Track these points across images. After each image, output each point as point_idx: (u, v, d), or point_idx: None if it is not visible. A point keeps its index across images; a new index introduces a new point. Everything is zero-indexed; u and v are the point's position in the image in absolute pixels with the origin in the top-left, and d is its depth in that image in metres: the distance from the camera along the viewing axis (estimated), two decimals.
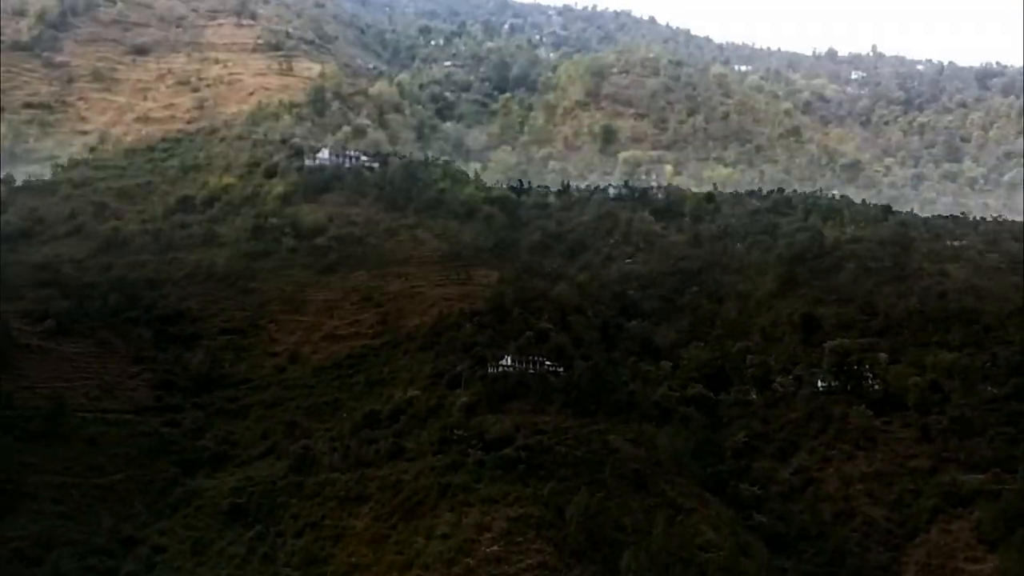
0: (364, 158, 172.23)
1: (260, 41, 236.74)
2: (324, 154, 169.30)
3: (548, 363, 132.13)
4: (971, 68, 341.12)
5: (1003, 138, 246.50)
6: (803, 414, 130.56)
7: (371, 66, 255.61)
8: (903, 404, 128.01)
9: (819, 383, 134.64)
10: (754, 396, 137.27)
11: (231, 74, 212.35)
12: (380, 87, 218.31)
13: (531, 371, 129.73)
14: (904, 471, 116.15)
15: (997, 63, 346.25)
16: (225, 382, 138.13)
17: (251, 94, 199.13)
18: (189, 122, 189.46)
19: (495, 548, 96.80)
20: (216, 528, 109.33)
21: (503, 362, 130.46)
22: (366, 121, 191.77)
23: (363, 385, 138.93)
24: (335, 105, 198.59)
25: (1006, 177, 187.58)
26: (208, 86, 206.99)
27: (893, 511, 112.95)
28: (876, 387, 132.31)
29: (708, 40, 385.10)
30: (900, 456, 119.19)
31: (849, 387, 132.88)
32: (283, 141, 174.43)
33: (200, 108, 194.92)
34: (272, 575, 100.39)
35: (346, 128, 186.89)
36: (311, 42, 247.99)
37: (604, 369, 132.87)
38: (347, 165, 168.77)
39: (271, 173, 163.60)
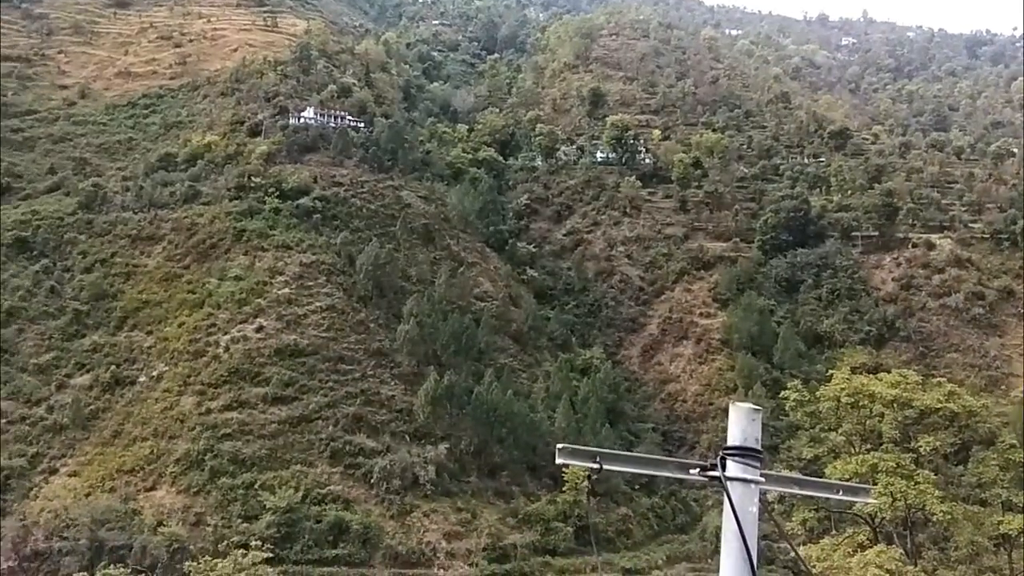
0: (349, 118, 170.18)
1: None
2: (309, 113, 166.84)
3: (350, 118, 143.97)
4: (961, 36, 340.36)
5: (991, 107, 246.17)
6: (581, 182, 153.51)
7: (358, 24, 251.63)
8: (668, 178, 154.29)
9: (599, 154, 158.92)
10: (539, 163, 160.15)
11: (214, 29, 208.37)
12: (366, 45, 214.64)
13: (332, 125, 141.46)
14: (660, 237, 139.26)
15: (987, 31, 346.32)
16: (9, 112, 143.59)
17: (235, 50, 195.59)
18: (171, 78, 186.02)
19: (286, 291, 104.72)
20: None
21: (305, 114, 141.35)
22: (352, 80, 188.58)
23: (159, 127, 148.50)
24: (320, 63, 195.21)
25: (992, 147, 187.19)
26: (191, 41, 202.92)
27: (646, 271, 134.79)
28: (647, 161, 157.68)
29: (699, 2, 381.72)
30: (659, 223, 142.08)
31: (624, 159, 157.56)
32: (267, 99, 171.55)
33: (183, 64, 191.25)
34: (59, 308, 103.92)
35: (332, 87, 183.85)
36: None
37: (403, 128, 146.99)
38: (332, 125, 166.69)
39: (255, 132, 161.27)
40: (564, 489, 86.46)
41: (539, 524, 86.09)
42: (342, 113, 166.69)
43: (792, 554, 65.68)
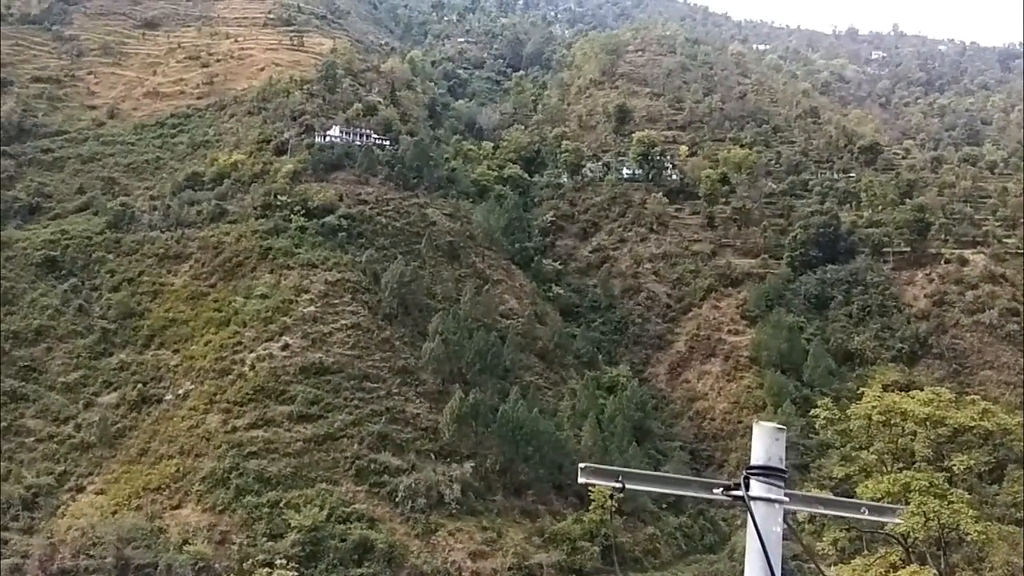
0: (375, 136, 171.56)
1: (271, 16, 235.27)
2: (335, 131, 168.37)
3: (375, 136, 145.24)
4: (994, 49, 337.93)
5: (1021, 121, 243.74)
6: (607, 198, 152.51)
7: (383, 42, 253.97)
8: (695, 194, 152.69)
9: (624, 171, 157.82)
10: (565, 179, 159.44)
11: (241, 49, 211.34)
12: (392, 64, 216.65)
13: (358, 143, 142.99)
14: (688, 253, 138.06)
15: (1020, 44, 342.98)
16: (39, 132, 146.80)
17: (261, 69, 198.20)
18: (199, 97, 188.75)
19: (312, 309, 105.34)
20: (28, 279, 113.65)
21: (331, 132, 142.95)
22: (377, 98, 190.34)
23: (186, 146, 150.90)
24: (346, 82, 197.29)
25: None
26: (218, 61, 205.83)
27: (674, 288, 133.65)
28: (674, 177, 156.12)
29: (726, 17, 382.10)
30: (686, 240, 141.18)
31: (650, 175, 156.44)
32: (293, 118, 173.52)
33: (210, 83, 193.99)
34: (87, 326, 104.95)
35: (357, 105, 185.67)
36: (323, 17, 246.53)
37: (428, 145, 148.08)
38: (358, 143, 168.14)
39: (281, 150, 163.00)
40: (590, 508, 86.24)
41: (565, 543, 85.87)
42: (368, 131, 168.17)
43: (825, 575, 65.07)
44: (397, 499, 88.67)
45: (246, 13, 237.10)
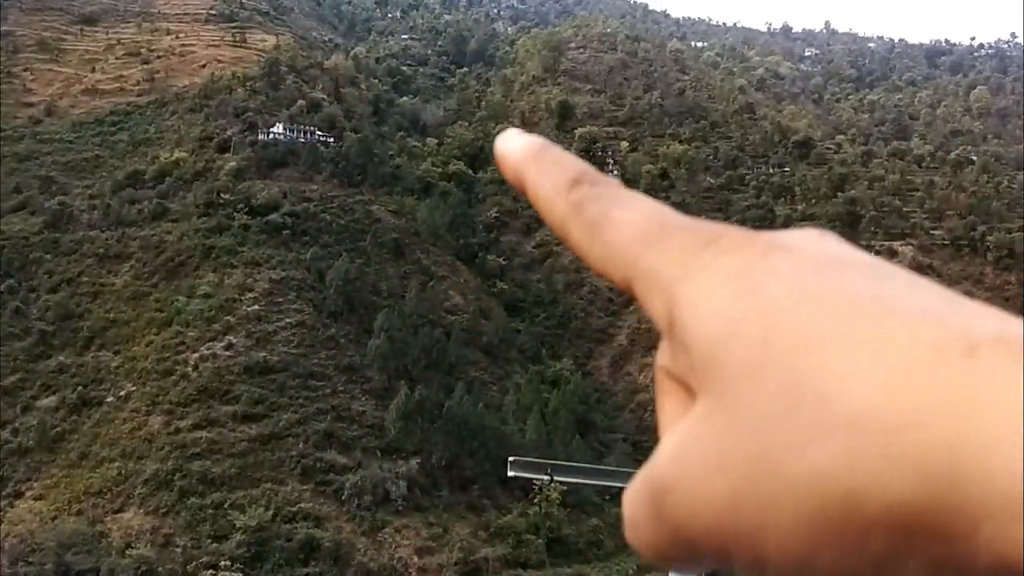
0: (319, 133, 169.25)
1: (213, 12, 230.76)
2: (278, 128, 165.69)
3: (319, 133, 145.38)
4: (921, 46, 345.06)
5: (950, 116, 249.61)
6: None
7: (327, 39, 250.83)
8: (636, 188, 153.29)
9: None
10: None
11: (183, 45, 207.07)
12: (336, 60, 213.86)
13: (302, 140, 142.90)
14: None
15: (946, 40, 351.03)
16: None
17: (203, 66, 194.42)
18: (139, 94, 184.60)
19: (256, 308, 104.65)
20: None
21: (274, 129, 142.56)
22: (321, 95, 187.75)
23: (126, 144, 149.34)
24: (290, 78, 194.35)
25: (952, 155, 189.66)
26: (159, 57, 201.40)
27: None
28: (615, 172, 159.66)
29: (666, 15, 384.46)
30: None
31: None
32: (236, 115, 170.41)
33: (150, 80, 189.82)
34: (24, 328, 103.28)
35: (301, 102, 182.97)
36: (265, 13, 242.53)
37: (373, 142, 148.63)
38: (302, 140, 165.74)
39: (224, 148, 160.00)
40: (535, 501, 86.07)
41: (511, 537, 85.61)
42: (312, 128, 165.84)
43: None
44: (343, 497, 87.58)
45: (187, 9, 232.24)
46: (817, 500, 0.40)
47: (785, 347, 0.43)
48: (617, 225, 0.56)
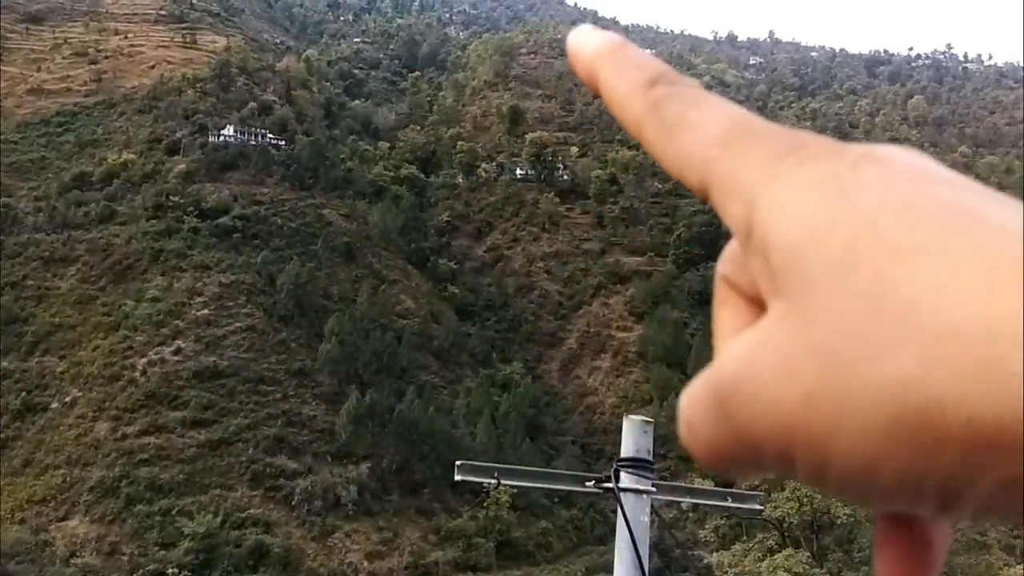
0: (270, 136, 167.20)
1: (162, 12, 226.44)
2: (229, 131, 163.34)
3: (270, 136, 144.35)
4: (861, 55, 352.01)
5: (888, 124, 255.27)
6: (501, 198, 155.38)
7: (278, 41, 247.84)
8: (585, 194, 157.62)
9: (518, 171, 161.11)
10: (460, 180, 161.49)
11: (131, 46, 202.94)
12: (287, 63, 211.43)
13: (253, 143, 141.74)
14: (578, 252, 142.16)
15: (884, 51, 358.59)
16: None
17: (152, 67, 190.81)
18: (86, 95, 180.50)
19: (205, 312, 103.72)
20: None
21: (225, 132, 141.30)
22: (273, 97, 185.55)
23: (73, 145, 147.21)
24: (240, 80, 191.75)
25: None
26: (107, 58, 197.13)
27: (565, 286, 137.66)
28: (565, 177, 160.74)
29: (615, 22, 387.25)
30: (577, 239, 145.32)
31: (543, 176, 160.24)
32: (186, 117, 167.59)
33: (98, 80, 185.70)
34: None
35: (252, 104, 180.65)
36: (216, 14, 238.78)
37: (324, 146, 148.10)
38: (253, 143, 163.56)
39: (173, 150, 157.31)
40: (486, 504, 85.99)
41: (461, 540, 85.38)
42: (263, 131, 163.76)
43: (706, 560, 66.34)
44: (293, 502, 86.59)
45: (136, 9, 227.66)
46: (895, 406, 0.40)
47: (872, 253, 0.42)
48: (697, 126, 0.53)
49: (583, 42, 0.62)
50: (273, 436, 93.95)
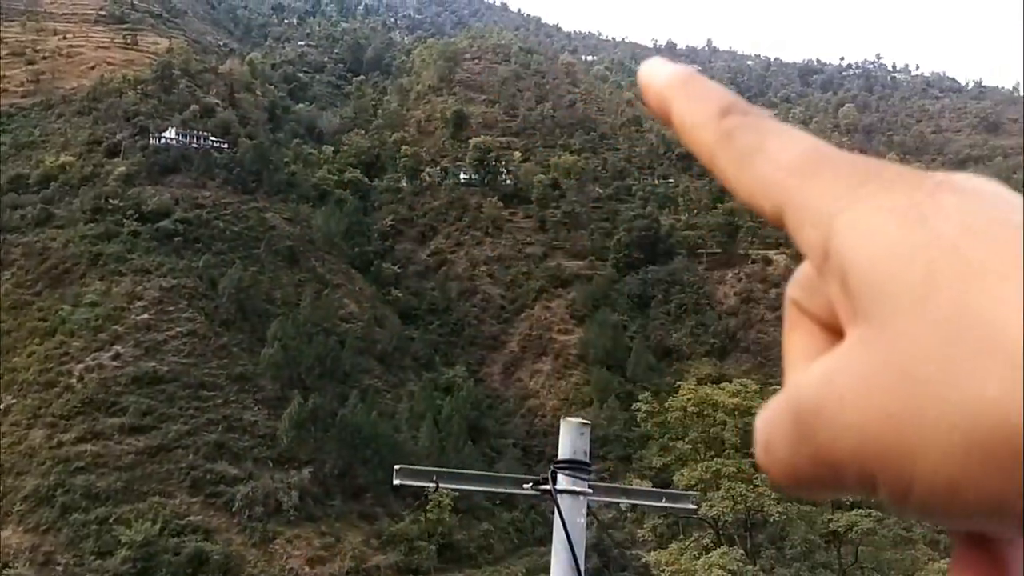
0: (213, 139, 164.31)
1: (102, 12, 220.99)
2: (170, 133, 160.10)
3: (213, 139, 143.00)
4: (794, 65, 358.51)
5: (821, 132, 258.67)
6: (445, 203, 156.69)
7: (222, 43, 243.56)
8: (528, 198, 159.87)
9: (462, 175, 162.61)
10: (404, 184, 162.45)
11: (70, 46, 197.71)
12: (231, 65, 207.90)
13: (195, 146, 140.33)
14: (521, 256, 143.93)
15: (817, 60, 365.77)
16: None
17: (92, 68, 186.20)
18: (23, 96, 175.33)
19: (145, 316, 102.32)
20: None
21: (166, 134, 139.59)
22: (215, 100, 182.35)
23: (9, 147, 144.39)
24: (183, 82, 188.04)
25: None
26: (45, 58, 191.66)
27: (508, 290, 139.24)
28: (508, 181, 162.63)
29: (558, 29, 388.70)
30: (519, 243, 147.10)
31: (486, 180, 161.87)
32: (127, 119, 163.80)
33: (36, 81, 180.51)
34: None
35: (194, 107, 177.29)
36: (158, 15, 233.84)
37: (268, 149, 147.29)
38: (195, 145, 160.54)
39: (113, 152, 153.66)
40: (428, 508, 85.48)
41: (402, 544, 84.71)
42: (205, 133, 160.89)
43: (644, 560, 66.75)
44: (234, 509, 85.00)
45: (75, 9, 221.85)
46: (976, 428, 0.39)
47: (952, 277, 0.42)
48: (771, 155, 0.54)
49: (654, 73, 0.64)
50: (214, 442, 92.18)
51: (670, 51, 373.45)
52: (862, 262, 0.46)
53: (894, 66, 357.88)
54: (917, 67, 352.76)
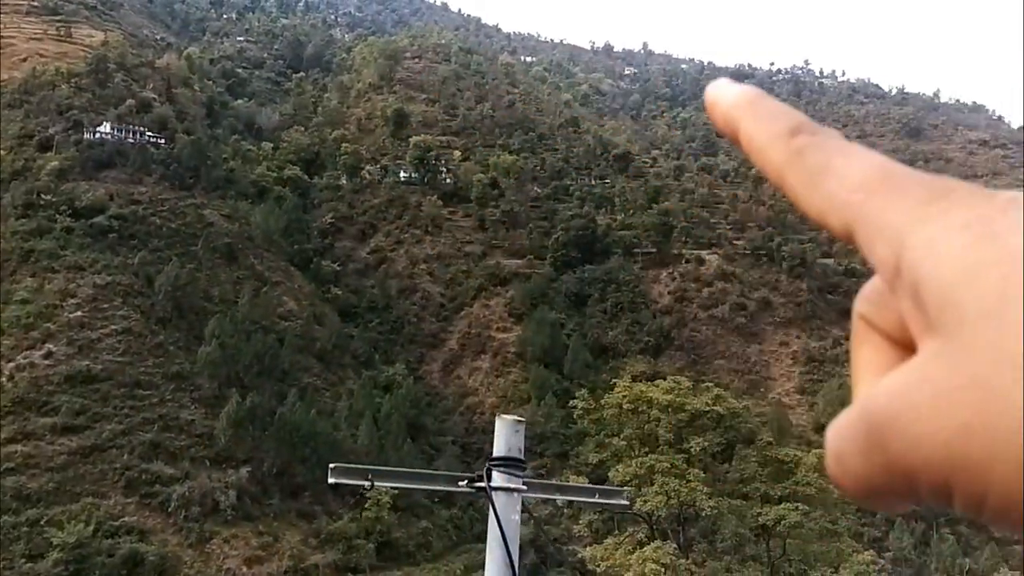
0: (149, 134, 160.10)
1: (35, 3, 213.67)
2: (105, 128, 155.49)
3: (149, 134, 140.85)
4: (727, 68, 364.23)
5: None
6: (385, 201, 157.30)
7: (159, 37, 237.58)
8: (467, 197, 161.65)
9: (402, 174, 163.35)
10: (344, 182, 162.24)
11: (1, 38, 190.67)
12: (168, 60, 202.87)
13: (131, 140, 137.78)
14: (460, 254, 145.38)
15: (749, 65, 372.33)
16: None
17: (24, 60, 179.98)
18: None
19: (79, 314, 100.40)
20: None
21: (101, 129, 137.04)
22: (152, 95, 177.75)
23: None
24: (118, 76, 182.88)
25: (753, 171, 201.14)
26: None
27: (447, 288, 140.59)
28: (448, 180, 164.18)
29: (497, 29, 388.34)
30: (459, 241, 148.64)
31: (426, 179, 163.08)
32: (60, 112, 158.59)
33: None
34: None
35: (130, 101, 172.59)
36: (93, 8, 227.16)
37: (206, 145, 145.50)
38: (131, 140, 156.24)
39: (46, 146, 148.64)
40: (367, 506, 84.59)
41: (341, 543, 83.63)
42: (141, 128, 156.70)
43: (580, 555, 67.06)
44: (170, 509, 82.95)
45: (6, 0, 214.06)
46: None
47: None
48: (841, 173, 0.54)
49: (722, 93, 0.65)
50: (149, 441, 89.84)
51: (607, 53, 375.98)
52: (935, 277, 0.47)
53: (821, 72, 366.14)
54: (843, 73, 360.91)
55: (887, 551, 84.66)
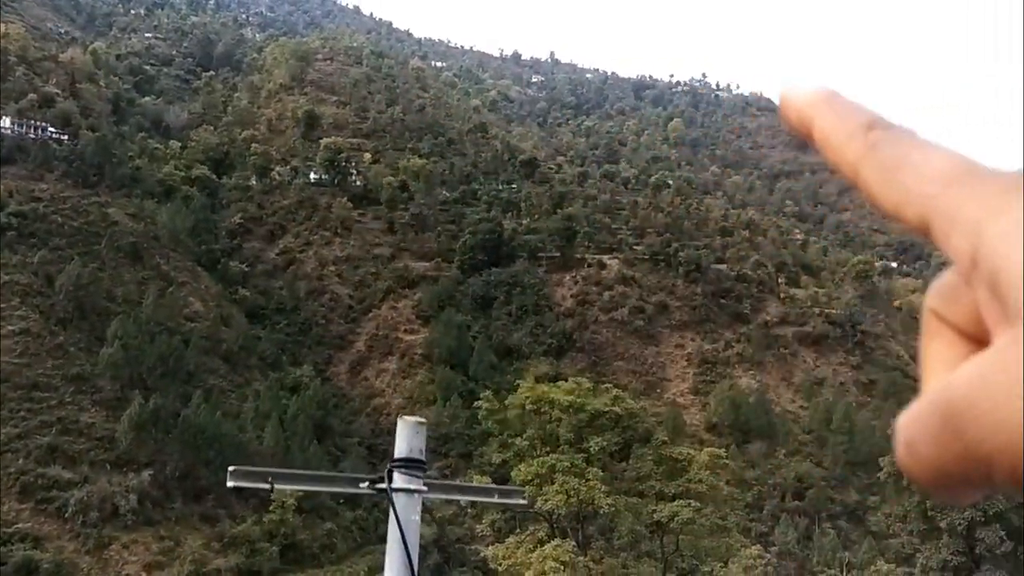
0: (52, 129, 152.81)
1: None
2: (5, 123, 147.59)
3: (52, 130, 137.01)
4: (629, 80, 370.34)
5: (652, 144, 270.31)
6: (294, 202, 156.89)
7: (63, 31, 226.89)
8: (377, 200, 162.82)
9: (312, 175, 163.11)
10: (254, 182, 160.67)
11: None
12: (73, 54, 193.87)
13: (32, 136, 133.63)
14: (369, 257, 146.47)
15: (650, 76, 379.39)
16: None
17: None
18: None
19: None
20: None
21: (0, 123, 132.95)
22: (55, 89, 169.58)
23: None
24: (20, 70, 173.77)
25: (652, 179, 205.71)
26: None
27: (356, 290, 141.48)
28: (358, 183, 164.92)
29: (409, 34, 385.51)
30: (368, 244, 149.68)
31: (336, 181, 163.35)
32: None
33: None
34: None
35: (32, 96, 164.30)
36: None
37: (111, 142, 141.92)
38: (32, 136, 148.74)
39: None
40: (271, 509, 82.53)
41: (244, 546, 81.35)
42: (43, 124, 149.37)
43: (482, 554, 66.90)
44: (67, 514, 79.14)
45: None
46: None
47: None
48: (917, 166, 0.55)
49: (796, 92, 0.64)
50: (47, 445, 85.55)
51: (515, 61, 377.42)
52: (1013, 267, 0.47)
53: (718, 85, 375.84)
54: (738, 86, 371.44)
55: (773, 545, 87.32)
